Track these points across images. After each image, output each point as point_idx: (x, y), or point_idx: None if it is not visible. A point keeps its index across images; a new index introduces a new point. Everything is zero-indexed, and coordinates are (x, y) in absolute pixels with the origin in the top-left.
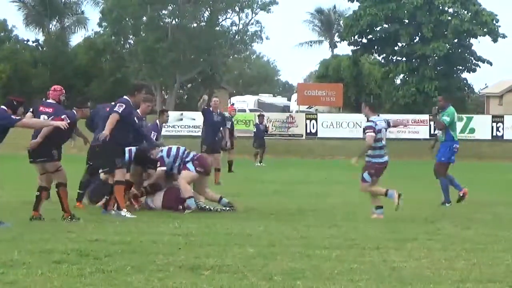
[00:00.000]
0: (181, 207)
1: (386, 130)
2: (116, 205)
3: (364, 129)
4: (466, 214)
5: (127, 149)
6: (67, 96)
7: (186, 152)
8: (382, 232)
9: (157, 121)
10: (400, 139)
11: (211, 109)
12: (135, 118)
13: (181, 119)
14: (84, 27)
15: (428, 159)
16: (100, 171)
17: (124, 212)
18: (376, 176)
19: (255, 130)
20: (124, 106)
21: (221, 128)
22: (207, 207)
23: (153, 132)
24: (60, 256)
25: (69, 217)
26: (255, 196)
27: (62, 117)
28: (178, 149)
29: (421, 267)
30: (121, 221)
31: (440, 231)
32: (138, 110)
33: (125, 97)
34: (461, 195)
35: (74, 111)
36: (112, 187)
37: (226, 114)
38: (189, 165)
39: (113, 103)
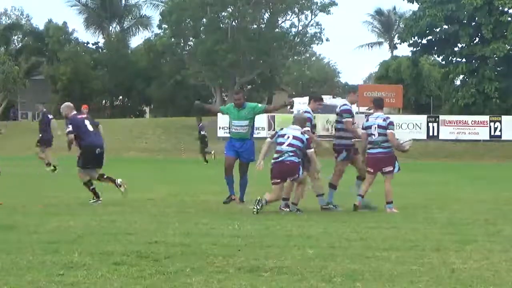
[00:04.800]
0: None
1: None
2: None
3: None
4: None
5: None
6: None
7: None
8: (442, 233)
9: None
10: (460, 140)
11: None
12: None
13: None
14: (147, 28)
15: (489, 161)
16: None
17: None
18: None
19: None
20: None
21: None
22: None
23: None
24: (119, 257)
25: None
26: (314, 197)
27: None
28: None
29: (481, 269)
30: (180, 222)
31: (500, 233)
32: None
33: None
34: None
35: None
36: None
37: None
38: None
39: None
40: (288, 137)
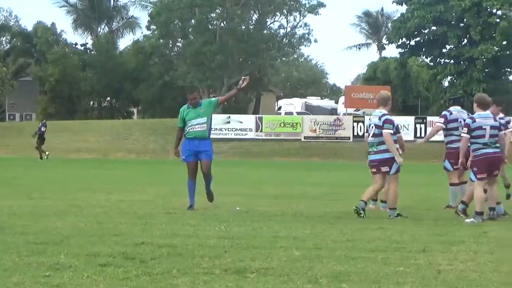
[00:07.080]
0: None
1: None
2: None
3: None
4: None
5: None
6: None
7: None
8: (428, 235)
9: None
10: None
11: None
12: None
13: (229, 122)
14: (132, 31)
15: None
16: None
17: None
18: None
19: None
20: None
21: None
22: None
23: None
24: (106, 259)
25: None
26: (302, 199)
27: None
28: None
29: (467, 270)
30: (167, 223)
31: (486, 234)
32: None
33: None
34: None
35: None
36: None
37: None
38: None
39: None
40: (372, 127)
